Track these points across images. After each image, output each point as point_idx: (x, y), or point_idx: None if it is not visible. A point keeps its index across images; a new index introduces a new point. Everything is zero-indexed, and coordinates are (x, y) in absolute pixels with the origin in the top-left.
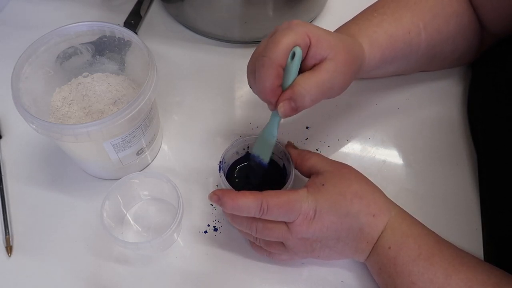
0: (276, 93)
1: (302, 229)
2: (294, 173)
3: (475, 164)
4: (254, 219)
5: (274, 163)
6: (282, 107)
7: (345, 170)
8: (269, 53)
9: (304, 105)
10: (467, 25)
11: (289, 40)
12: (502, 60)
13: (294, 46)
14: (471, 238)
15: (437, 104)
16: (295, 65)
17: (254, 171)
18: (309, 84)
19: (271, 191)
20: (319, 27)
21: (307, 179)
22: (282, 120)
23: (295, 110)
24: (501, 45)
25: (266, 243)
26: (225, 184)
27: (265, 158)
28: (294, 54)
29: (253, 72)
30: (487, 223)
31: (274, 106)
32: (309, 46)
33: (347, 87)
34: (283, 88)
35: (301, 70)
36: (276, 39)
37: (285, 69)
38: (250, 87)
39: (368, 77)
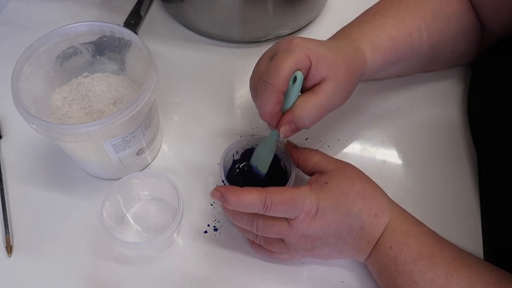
0: (276, 117)
1: (304, 226)
2: (294, 173)
3: (475, 164)
4: (255, 216)
5: (275, 163)
6: (284, 130)
7: (348, 170)
8: (271, 80)
9: (304, 126)
10: (468, 25)
11: (290, 66)
12: (502, 60)
13: (296, 71)
14: (471, 238)
15: (437, 104)
16: (296, 89)
17: (253, 179)
18: (308, 108)
19: (275, 187)
20: (319, 43)
21: (307, 179)
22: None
23: (295, 131)
24: (501, 45)
25: (266, 241)
26: (225, 184)
27: (263, 170)
28: (295, 78)
29: (255, 89)
30: (487, 223)
31: (273, 126)
32: (310, 67)
33: (346, 100)
34: (283, 110)
35: (302, 89)
36: (278, 64)
37: (286, 92)
38: (253, 100)
39: (369, 79)
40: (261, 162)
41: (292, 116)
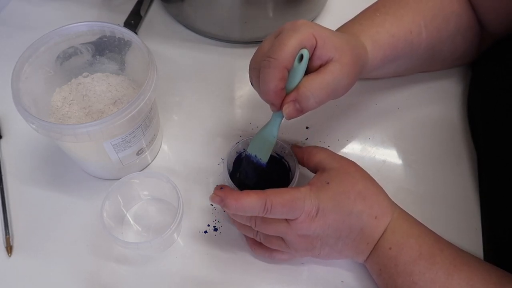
0: (279, 95)
1: (303, 226)
2: (298, 171)
3: (475, 164)
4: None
5: (278, 161)
6: (287, 108)
7: (352, 169)
8: (275, 55)
9: (309, 106)
10: (467, 25)
11: (296, 41)
12: (502, 60)
13: (301, 48)
14: (471, 238)
15: (437, 104)
16: (302, 68)
17: (251, 171)
18: (314, 86)
19: (274, 189)
20: (324, 27)
21: (311, 177)
22: (283, 121)
23: (300, 111)
24: (501, 45)
25: (266, 238)
26: (229, 183)
27: (264, 158)
28: (301, 57)
29: (256, 70)
30: (487, 223)
31: (276, 107)
32: (315, 47)
33: (351, 88)
34: (287, 90)
35: (306, 71)
36: (283, 40)
37: (291, 71)
38: (252, 84)
39: (369, 77)
40: (261, 149)
41: (297, 94)
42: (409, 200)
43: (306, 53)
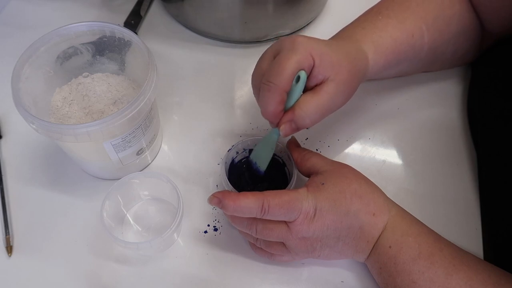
0: (278, 116)
1: (303, 228)
2: (296, 174)
3: (475, 164)
4: (254, 219)
5: (277, 163)
6: (284, 128)
7: (344, 170)
8: (275, 80)
9: (305, 126)
10: (468, 26)
11: (294, 64)
12: (502, 60)
13: (299, 70)
14: (471, 238)
15: (437, 104)
16: (299, 88)
17: (250, 176)
18: (309, 107)
19: (272, 191)
20: (323, 42)
21: (308, 179)
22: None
23: (295, 130)
24: (501, 45)
25: (266, 244)
26: (227, 185)
27: (262, 166)
28: (299, 77)
29: (257, 88)
30: (487, 223)
31: (275, 125)
32: (313, 67)
33: (348, 101)
34: (285, 109)
35: (304, 88)
36: (282, 63)
37: (289, 91)
38: (255, 97)
39: (370, 79)
40: (261, 159)
41: (293, 115)
42: (409, 200)
43: (303, 75)
